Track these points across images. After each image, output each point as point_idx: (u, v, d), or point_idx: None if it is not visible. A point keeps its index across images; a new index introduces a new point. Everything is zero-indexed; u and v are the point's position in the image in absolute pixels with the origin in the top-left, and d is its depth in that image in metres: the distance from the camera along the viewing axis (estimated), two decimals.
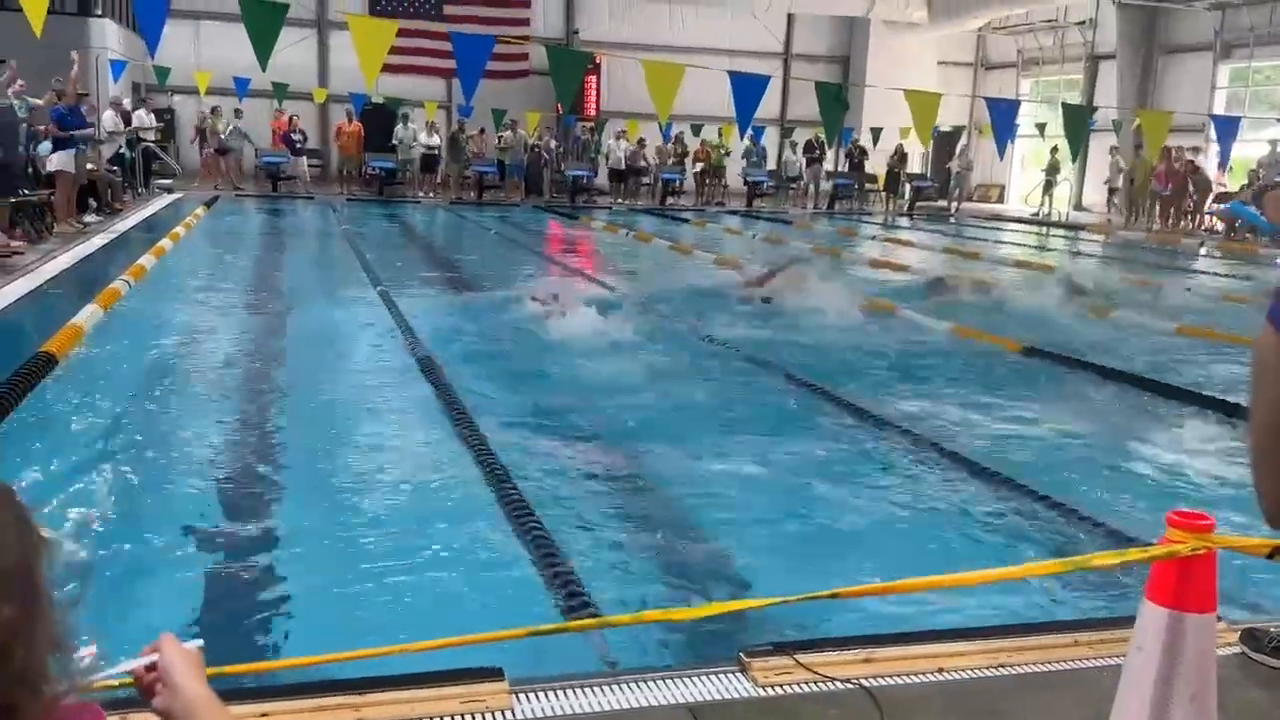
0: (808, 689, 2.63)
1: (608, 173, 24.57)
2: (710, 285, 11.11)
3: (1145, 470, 5.28)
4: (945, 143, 25.93)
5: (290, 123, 22.00)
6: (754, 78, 10.92)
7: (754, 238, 17.79)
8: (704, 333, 8.31)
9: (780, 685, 2.64)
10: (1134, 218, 22.86)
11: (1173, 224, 21.97)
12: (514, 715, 2.47)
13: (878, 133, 23.99)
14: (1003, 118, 13.34)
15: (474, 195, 23.05)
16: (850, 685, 2.63)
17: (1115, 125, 21.77)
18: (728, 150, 24.51)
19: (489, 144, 23.50)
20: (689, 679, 2.66)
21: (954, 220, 23.84)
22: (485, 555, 3.82)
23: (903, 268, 13.37)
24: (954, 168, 26.07)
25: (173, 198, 18.83)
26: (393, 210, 20.23)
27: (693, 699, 2.57)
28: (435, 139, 22.98)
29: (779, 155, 26.41)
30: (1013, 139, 16.00)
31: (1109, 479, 5.08)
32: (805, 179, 25.77)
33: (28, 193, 12.09)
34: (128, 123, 17.87)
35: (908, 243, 18.16)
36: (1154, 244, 19.35)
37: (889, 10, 26.11)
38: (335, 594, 3.51)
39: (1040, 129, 23.19)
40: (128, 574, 3.56)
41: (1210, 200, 21.88)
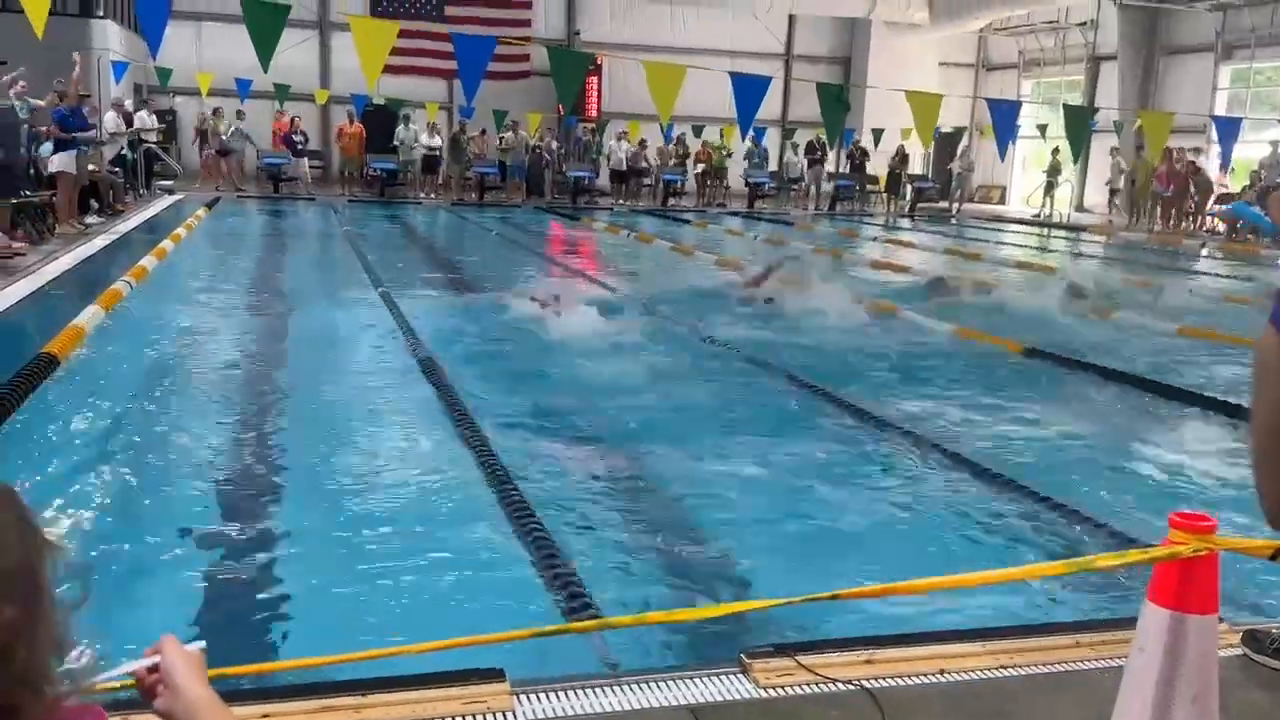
0: (809, 690, 2.63)
1: (609, 174, 24.59)
2: (711, 286, 11.10)
3: (1147, 471, 5.28)
4: (946, 144, 25.94)
5: (292, 124, 22.03)
6: (755, 79, 10.92)
7: (755, 239, 17.79)
8: (705, 334, 8.30)
9: (781, 686, 2.64)
10: (1135, 219, 22.85)
11: (1174, 225, 21.96)
12: (515, 716, 2.47)
13: (879, 134, 24.00)
14: (1004, 119, 13.36)
15: (475, 196, 23.07)
16: (851, 686, 2.64)
17: (1116, 126, 21.79)
18: (729, 152, 24.52)
19: (490, 145, 23.52)
20: (690, 680, 2.66)
21: (955, 221, 23.83)
22: (486, 556, 3.83)
23: (904, 269, 13.36)
24: (955, 169, 26.07)
25: (174, 199, 18.84)
26: (394, 211, 20.23)
27: (694, 700, 2.57)
28: (436, 140, 23.01)
29: (780, 156, 26.42)
30: (1014, 140, 16.02)
31: (1110, 480, 5.07)
32: (806, 180, 25.78)
33: (29, 194, 12.10)
34: (129, 124, 17.88)
35: (909, 244, 18.16)
36: (1155, 245, 19.34)
37: (890, 11, 26.12)
38: (336, 595, 3.52)
39: (1041, 130, 23.22)
40: (129, 575, 3.57)
41: (1212, 201, 21.88)
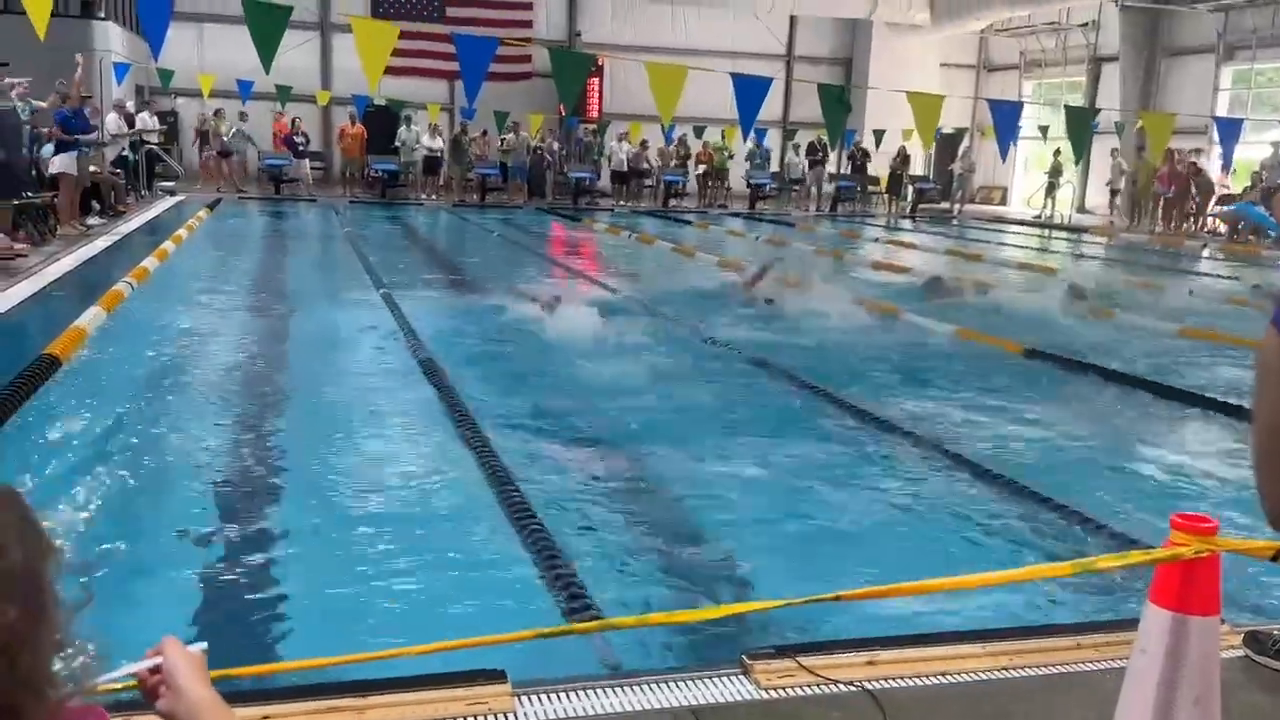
0: (810, 691, 2.63)
1: (610, 175, 24.60)
2: (713, 287, 11.11)
3: (1148, 472, 5.28)
4: (948, 145, 25.94)
5: (292, 125, 22.04)
6: (756, 80, 10.91)
7: (757, 240, 17.79)
8: (706, 334, 8.30)
9: (783, 688, 2.63)
10: (1136, 220, 22.84)
11: (1175, 226, 21.94)
12: (517, 717, 2.47)
13: (880, 135, 23.98)
14: (1005, 120, 13.34)
15: (477, 197, 23.07)
16: (853, 688, 2.63)
17: (1118, 127, 21.79)
18: (731, 153, 24.51)
19: (492, 146, 23.53)
20: (691, 681, 2.66)
21: (956, 222, 23.82)
22: (488, 557, 3.83)
23: (905, 270, 13.36)
24: (956, 170, 26.06)
25: (175, 200, 18.85)
26: (395, 212, 20.24)
27: (695, 702, 2.57)
28: (438, 141, 23.03)
29: (782, 157, 26.42)
30: (1015, 141, 16.04)
31: (1112, 481, 5.07)
32: (808, 181, 25.78)
33: (31, 195, 12.10)
34: (131, 125, 17.89)
35: (910, 245, 18.15)
36: (1157, 246, 19.33)
37: (891, 12, 26.11)
38: (338, 596, 3.52)
39: (1043, 131, 23.22)
40: (131, 576, 3.57)
41: (1213, 202, 21.87)
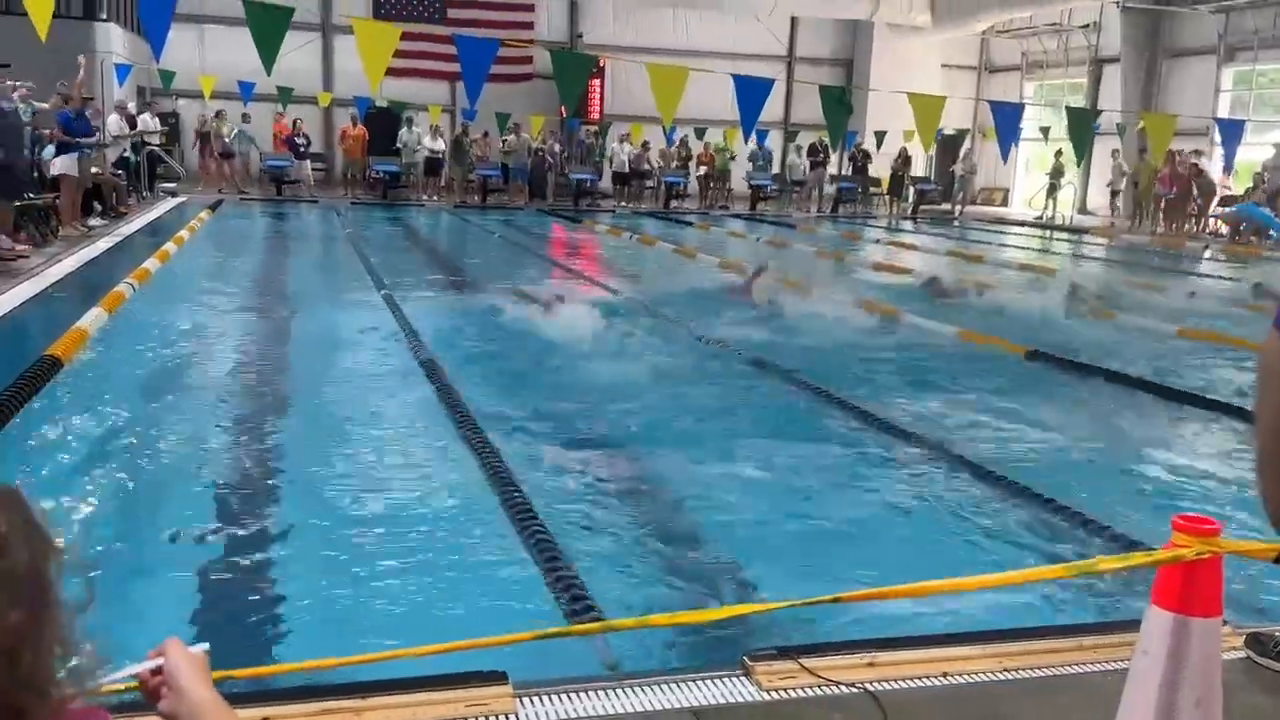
0: (811, 693, 2.63)
1: (611, 176, 24.60)
2: (714, 288, 11.11)
3: (1150, 474, 5.27)
4: (949, 146, 25.95)
5: (294, 126, 22.06)
6: (758, 81, 10.91)
7: (758, 241, 17.79)
8: (707, 335, 8.30)
9: (784, 689, 2.63)
10: (1138, 221, 22.83)
11: (1177, 227, 21.94)
12: (518, 719, 2.47)
13: (881, 136, 23.98)
14: (1006, 121, 13.35)
15: (478, 199, 23.09)
16: (854, 689, 2.63)
17: (1119, 128, 21.78)
18: (732, 154, 24.51)
19: (493, 147, 23.53)
20: (692, 683, 2.66)
21: (958, 224, 23.82)
22: (489, 558, 3.82)
23: (906, 271, 13.36)
24: (958, 171, 26.07)
25: (177, 201, 18.87)
26: (397, 214, 20.25)
27: (696, 703, 2.57)
28: (439, 142, 23.05)
29: (783, 159, 26.41)
30: (1016, 142, 16.05)
31: (1113, 482, 5.07)
32: (809, 182, 25.77)
33: (33, 196, 12.12)
34: (133, 127, 17.91)
35: (912, 246, 18.14)
36: (1158, 247, 19.32)
37: (892, 13, 26.11)
38: (338, 596, 3.52)
39: (1044, 132, 23.23)
40: (132, 576, 3.57)
41: (1215, 204, 21.86)
